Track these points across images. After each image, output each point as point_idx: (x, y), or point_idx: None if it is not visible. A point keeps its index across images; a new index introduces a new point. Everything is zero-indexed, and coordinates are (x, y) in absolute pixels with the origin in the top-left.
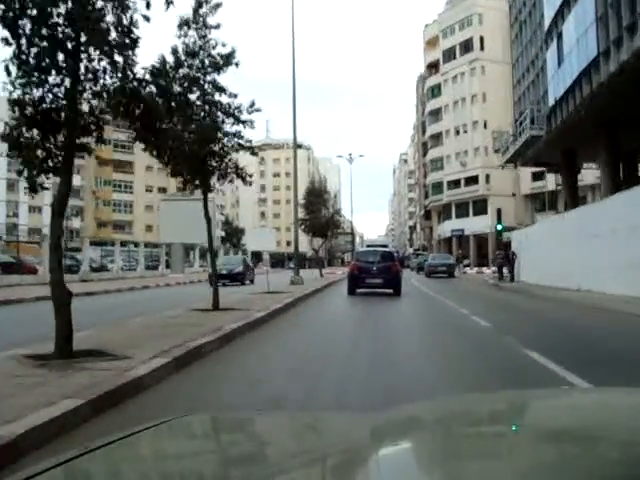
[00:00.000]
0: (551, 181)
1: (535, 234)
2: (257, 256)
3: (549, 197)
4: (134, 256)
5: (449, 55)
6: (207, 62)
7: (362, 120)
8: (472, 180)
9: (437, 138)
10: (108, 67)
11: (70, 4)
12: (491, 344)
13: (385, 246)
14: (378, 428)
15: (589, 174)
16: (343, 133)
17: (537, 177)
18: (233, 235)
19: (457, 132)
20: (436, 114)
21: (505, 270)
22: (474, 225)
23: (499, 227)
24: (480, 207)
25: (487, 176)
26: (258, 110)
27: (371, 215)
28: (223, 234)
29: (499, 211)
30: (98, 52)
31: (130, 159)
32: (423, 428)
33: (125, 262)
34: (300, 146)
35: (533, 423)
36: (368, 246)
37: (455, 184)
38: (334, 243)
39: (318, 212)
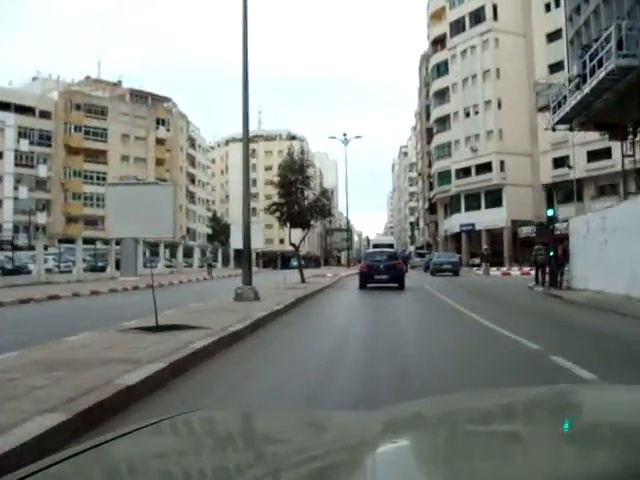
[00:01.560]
0: (580, 167)
1: (626, 219)
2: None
3: (575, 186)
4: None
5: (457, 27)
6: None
7: (361, 117)
8: (484, 167)
9: (443, 122)
10: None
11: None
12: None
13: (391, 245)
14: (380, 426)
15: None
16: (340, 130)
17: (559, 164)
18: (221, 232)
19: (467, 114)
20: (442, 95)
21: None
22: (487, 219)
23: (550, 212)
24: (494, 198)
25: (501, 163)
26: None
27: (370, 215)
28: (210, 231)
29: (549, 190)
30: None
31: (103, 148)
32: (425, 426)
33: (57, 263)
34: (294, 137)
35: (535, 421)
36: (375, 245)
37: (465, 173)
38: (330, 240)
39: (298, 194)
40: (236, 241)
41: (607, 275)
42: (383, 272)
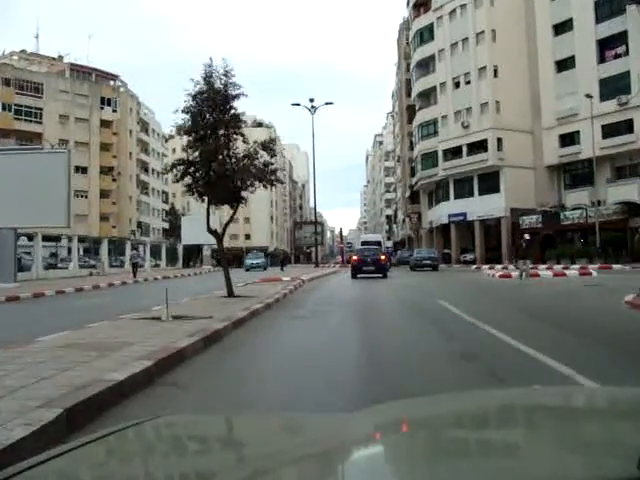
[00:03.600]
0: (593, 144)
1: None
2: (198, 251)
3: (587, 167)
4: None
5: None
6: None
7: (335, 112)
8: (478, 146)
9: (428, 96)
10: None
11: None
12: None
13: (379, 242)
14: (356, 429)
15: None
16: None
17: (567, 141)
18: (179, 227)
19: (456, 84)
20: (426, 65)
21: None
22: (481, 207)
23: None
24: (489, 183)
25: (499, 140)
26: None
27: (343, 212)
28: (166, 226)
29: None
30: None
31: (38, 130)
32: (401, 429)
33: None
34: (261, 124)
35: (513, 423)
36: (364, 242)
37: (454, 153)
38: (298, 235)
39: (220, 144)
40: (188, 235)
41: None
42: (370, 264)
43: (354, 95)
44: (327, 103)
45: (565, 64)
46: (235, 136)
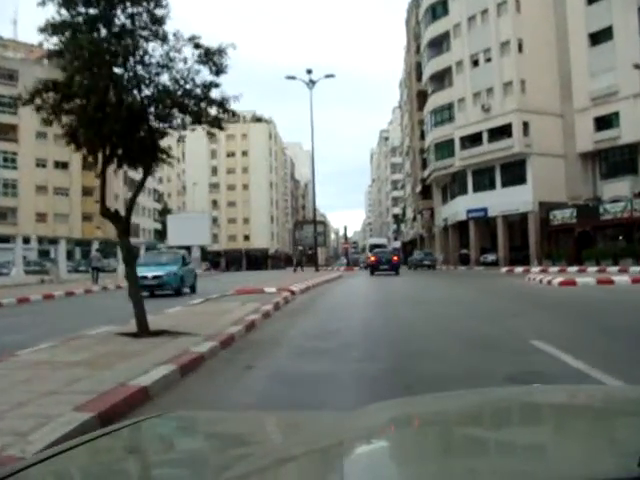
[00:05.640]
0: (634, 127)
1: None
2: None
3: (626, 154)
4: None
5: None
6: None
7: (342, 115)
8: (501, 132)
9: (442, 78)
10: None
11: None
12: None
13: (384, 245)
14: (356, 427)
15: None
16: (316, 125)
17: (604, 125)
18: None
19: (475, 63)
20: (439, 44)
21: None
22: (504, 201)
23: None
24: (514, 173)
25: (525, 125)
26: None
27: (348, 213)
28: (158, 227)
29: None
30: None
31: (12, 122)
32: (401, 427)
33: None
34: (260, 119)
35: (522, 420)
36: (373, 245)
37: (473, 141)
38: (299, 235)
39: (117, 52)
40: (175, 236)
41: None
42: (385, 264)
43: (357, 99)
44: (327, 76)
45: (600, 36)
46: (147, 36)
